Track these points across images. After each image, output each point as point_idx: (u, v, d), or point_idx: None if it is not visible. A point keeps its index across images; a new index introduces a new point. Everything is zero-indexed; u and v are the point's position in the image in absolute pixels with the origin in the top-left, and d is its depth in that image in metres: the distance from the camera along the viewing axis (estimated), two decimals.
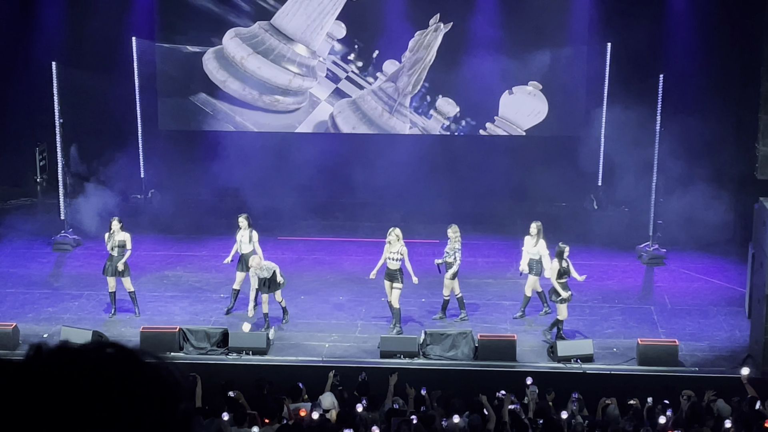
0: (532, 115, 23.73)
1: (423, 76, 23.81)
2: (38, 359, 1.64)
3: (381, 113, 24.01)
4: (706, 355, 17.41)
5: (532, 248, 18.27)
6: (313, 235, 22.12)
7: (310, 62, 23.99)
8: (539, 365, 17.04)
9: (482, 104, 23.91)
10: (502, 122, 23.76)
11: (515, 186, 22.91)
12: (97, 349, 1.67)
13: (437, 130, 23.98)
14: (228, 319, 18.63)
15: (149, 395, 1.63)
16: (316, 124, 24.17)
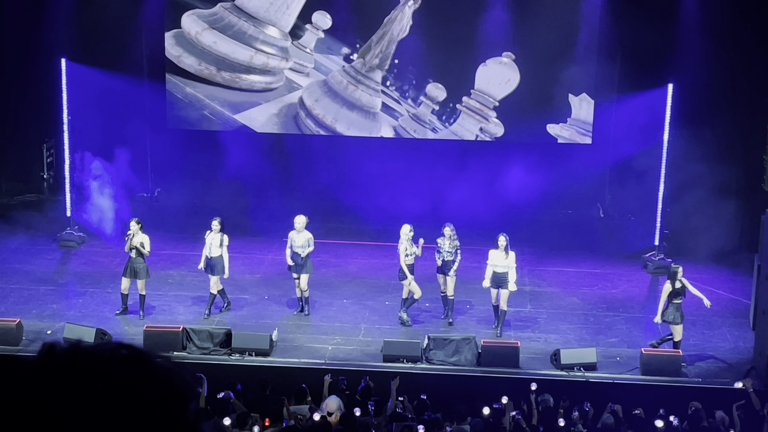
0: (503, 84, 23.56)
1: (391, 50, 23.61)
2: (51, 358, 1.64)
3: (346, 86, 23.93)
4: (710, 366, 17.38)
5: (503, 261, 17.94)
6: (318, 238, 22.08)
7: (280, 42, 23.85)
8: (542, 372, 17.01)
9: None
10: (478, 95, 23.66)
11: (522, 193, 22.86)
12: (111, 350, 1.67)
13: (427, 116, 23.86)
14: (231, 319, 18.63)
15: (161, 397, 1.63)
16: (287, 105, 24.03)
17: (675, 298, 17.22)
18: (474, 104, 23.71)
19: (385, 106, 23.99)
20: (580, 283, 20.77)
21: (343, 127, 23.98)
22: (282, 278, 19.99)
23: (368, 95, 23.97)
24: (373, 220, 22.77)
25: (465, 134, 23.88)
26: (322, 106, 24.02)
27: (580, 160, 23.22)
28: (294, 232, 18.65)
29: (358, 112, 24.02)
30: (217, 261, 18.55)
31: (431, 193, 23.17)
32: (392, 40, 23.53)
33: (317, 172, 23.33)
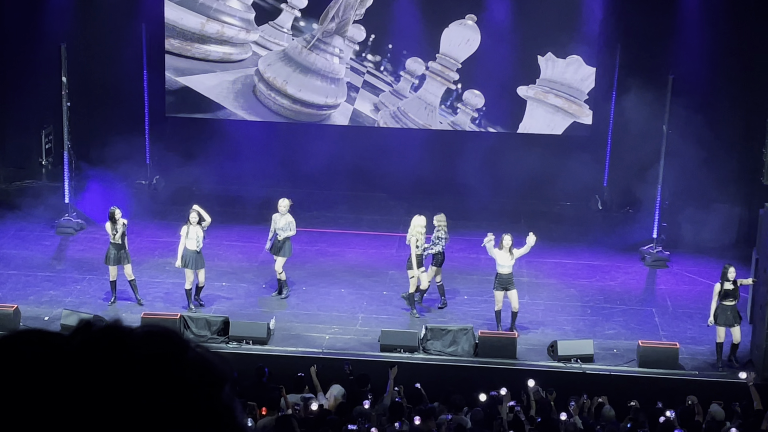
0: (463, 44, 23.48)
1: (349, 15, 23.49)
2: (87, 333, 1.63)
3: (300, 51, 23.86)
4: (707, 359, 17.39)
5: (508, 261, 17.67)
6: (316, 227, 22.09)
7: (243, 14, 23.78)
8: (539, 364, 17.03)
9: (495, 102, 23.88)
10: (443, 58, 23.62)
11: (519, 184, 22.86)
12: (148, 332, 1.66)
13: (407, 91, 23.82)
14: (229, 307, 18.63)
15: (199, 378, 1.63)
16: (245, 75, 24.00)
17: (724, 300, 17.06)
18: (437, 67, 23.68)
19: (367, 84, 23.94)
20: (578, 275, 20.77)
21: (294, 89, 23.96)
22: None
23: (324, 59, 23.85)
24: (370, 209, 22.78)
25: (430, 98, 23.79)
26: (274, 69, 24.03)
27: (579, 152, 23.19)
28: (277, 214, 18.68)
29: (313, 75, 23.95)
30: (193, 254, 18.44)
31: (428, 183, 23.16)
32: (349, 5, 23.44)
33: (316, 160, 23.28)
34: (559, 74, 23.38)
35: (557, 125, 23.73)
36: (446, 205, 21.84)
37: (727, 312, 17.03)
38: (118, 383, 1.56)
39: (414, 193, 22.86)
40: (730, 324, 17.07)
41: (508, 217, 22.06)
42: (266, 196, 22.12)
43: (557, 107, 23.59)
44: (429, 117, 23.93)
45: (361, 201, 23.09)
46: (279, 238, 18.61)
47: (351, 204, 23.07)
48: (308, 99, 24.03)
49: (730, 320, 17.04)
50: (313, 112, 24.19)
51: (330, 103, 24.13)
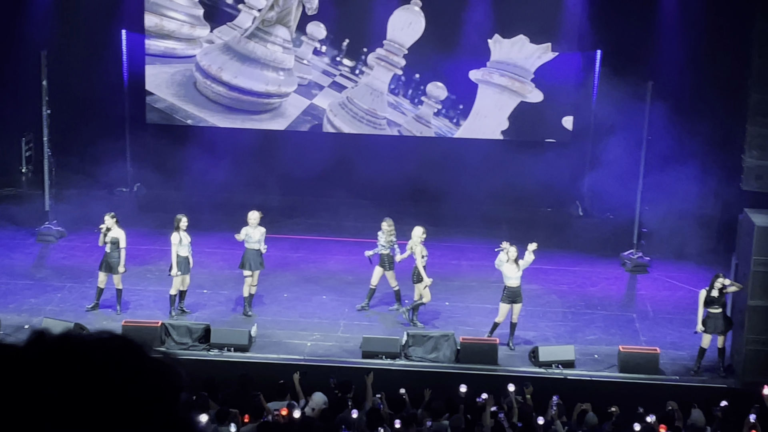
0: (406, 28, 23.53)
1: (291, 5, 23.40)
2: (40, 345, 1.63)
3: (239, 40, 23.83)
4: (688, 364, 17.46)
5: (515, 273, 17.52)
6: (297, 234, 22.08)
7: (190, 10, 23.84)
8: (520, 369, 17.07)
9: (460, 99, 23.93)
10: (389, 44, 23.62)
11: (501, 190, 22.91)
12: (102, 339, 1.67)
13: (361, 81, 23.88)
14: (210, 315, 18.60)
15: (153, 386, 1.63)
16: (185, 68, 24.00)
17: (709, 307, 17.09)
18: (383, 53, 23.70)
19: (336, 84, 23.94)
20: (559, 280, 20.83)
21: (229, 75, 23.91)
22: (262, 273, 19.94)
23: (264, 48, 23.81)
24: (353, 216, 22.79)
25: (377, 84, 23.78)
26: (210, 58, 24.03)
27: (559, 158, 23.27)
28: (249, 227, 18.43)
29: (252, 63, 23.87)
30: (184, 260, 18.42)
31: (410, 189, 23.18)
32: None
33: (298, 167, 23.27)
34: (505, 54, 23.43)
35: (505, 105, 23.71)
36: (427, 212, 21.91)
37: (714, 319, 17.09)
38: (73, 393, 1.57)
39: (395, 199, 22.88)
40: (720, 331, 17.13)
41: (489, 224, 22.12)
42: (248, 203, 22.07)
43: (503, 86, 23.62)
44: (374, 102, 23.88)
45: (342, 207, 23.09)
46: (260, 250, 18.42)
47: (332, 211, 23.08)
48: (245, 86, 23.95)
49: (719, 328, 17.11)
50: (253, 99, 24.07)
51: (273, 92, 24.01)
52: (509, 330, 17.81)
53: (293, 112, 24.11)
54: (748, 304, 16.96)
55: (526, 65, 23.44)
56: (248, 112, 24.18)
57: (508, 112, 23.76)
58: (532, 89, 23.53)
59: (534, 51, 23.28)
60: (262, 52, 23.87)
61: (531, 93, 23.54)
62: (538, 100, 23.56)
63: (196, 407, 13.11)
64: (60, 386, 1.58)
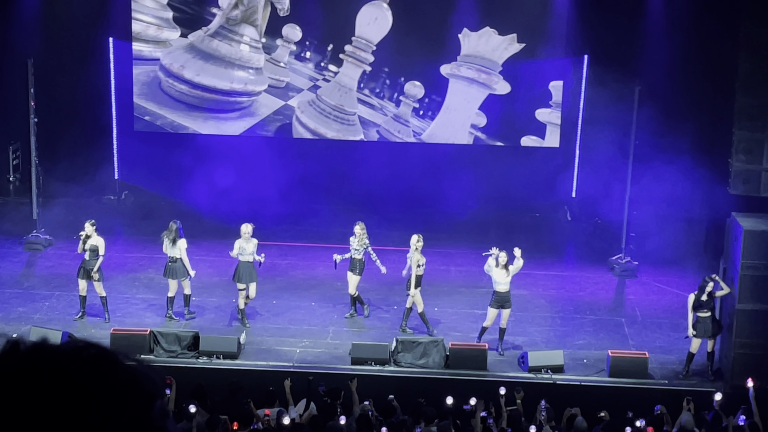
0: (372, 23, 23.49)
1: (255, 4, 23.35)
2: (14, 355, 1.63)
3: (202, 39, 23.78)
4: (676, 368, 17.49)
5: (504, 278, 17.60)
6: (286, 240, 22.06)
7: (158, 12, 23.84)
8: (510, 375, 17.07)
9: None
10: (358, 41, 23.63)
11: (489, 195, 22.94)
12: (76, 349, 1.66)
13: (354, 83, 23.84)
14: (199, 322, 18.58)
15: (126, 395, 1.63)
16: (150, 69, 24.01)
17: (698, 311, 17.12)
18: (351, 50, 23.70)
19: (316, 87, 23.94)
20: (548, 285, 20.86)
21: (191, 73, 23.85)
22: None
23: (229, 46, 23.74)
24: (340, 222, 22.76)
25: (347, 82, 23.76)
26: (172, 57, 23.99)
27: (547, 163, 23.32)
28: (241, 240, 18.40)
29: (215, 61, 23.80)
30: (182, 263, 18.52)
31: (398, 196, 23.16)
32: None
33: (285, 174, 23.27)
34: (473, 48, 23.44)
35: (473, 97, 23.68)
36: (416, 218, 21.92)
37: (703, 323, 17.12)
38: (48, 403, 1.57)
39: (384, 206, 22.88)
40: (709, 335, 17.16)
41: (478, 229, 22.14)
42: (236, 210, 22.07)
43: (471, 79, 23.63)
44: (342, 98, 23.84)
45: (330, 214, 23.08)
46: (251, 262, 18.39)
47: (320, 217, 23.06)
48: (208, 83, 23.88)
49: (708, 331, 17.14)
50: (217, 97, 23.99)
51: (239, 90, 23.93)
52: (498, 335, 17.82)
53: (264, 112, 24.04)
54: (736, 307, 17.01)
55: (494, 57, 23.44)
56: (213, 110, 24.08)
57: (476, 105, 23.71)
58: (498, 80, 23.51)
59: (500, 42, 23.29)
60: (227, 51, 23.77)
61: (497, 84, 23.52)
62: (505, 92, 23.52)
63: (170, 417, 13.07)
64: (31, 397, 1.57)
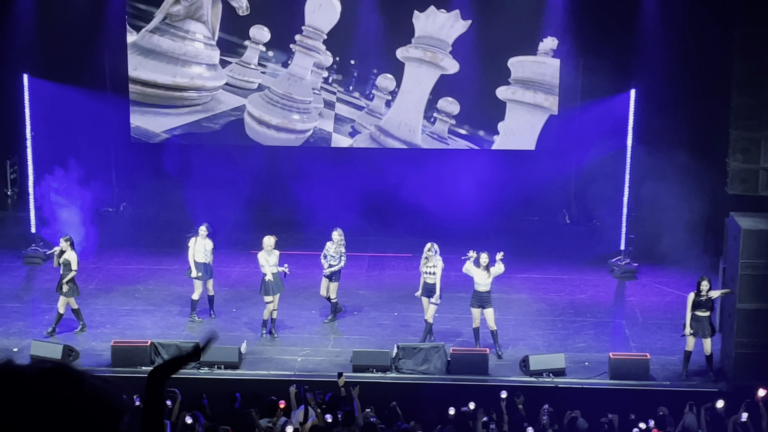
0: (316, 10, 23.36)
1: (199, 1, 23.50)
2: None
3: (143, 35, 23.66)
4: (678, 369, 17.47)
5: (485, 280, 17.75)
6: (285, 249, 22.05)
7: None
8: (512, 379, 17.06)
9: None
10: (308, 30, 23.58)
11: (487, 200, 22.93)
12: (40, 370, 1.67)
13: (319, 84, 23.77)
14: (200, 333, 18.56)
15: (90, 414, 1.63)
16: None
17: (697, 310, 17.17)
18: (300, 39, 23.66)
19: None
20: (548, 289, 20.86)
21: (129, 69, 23.70)
22: (250, 291, 19.97)
23: (171, 41, 23.63)
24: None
25: (297, 71, 23.70)
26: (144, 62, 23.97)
27: (545, 166, 23.32)
28: (264, 253, 18.51)
29: (155, 57, 23.68)
30: (208, 266, 18.79)
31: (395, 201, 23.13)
32: None
33: (283, 182, 23.26)
34: (422, 28, 23.32)
35: (424, 78, 23.60)
36: (414, 223, 21.94)
37: (700, 322, 17.14)
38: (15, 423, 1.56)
39: (381, 212, 22.89)
40: (702, 335, 17.18)
41: (476, 234, 22.09)
42: (236, 219, 22.08)
43: (421, 60, 23.61)
44: (291, 87, 23.72)
45: (329, 221, 23.04)
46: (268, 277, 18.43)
47: (319, 224, 23.04)
48: (147, 78, 23.80)
49: (701, 331, 17.15)
50: (163, 93, 23.87)
51: (185, 85, 23.84)
52: (492, 339, 17.86)
53: (220, 108, 23.99)
54: (737, 307, 17.01)
55: (441, 36, 23.41)
56: (158, 106, 23.98)
57: (429, 86, 23.60)
58: (443, 57, 23.44)
59: (445, 20, 23.29)
60: (169, 46, 23.66)
61: (443, 62, 23.46)
62: (454, 70, 23.48)
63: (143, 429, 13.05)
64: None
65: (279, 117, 23.90)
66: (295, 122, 23.89)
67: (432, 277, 17.94)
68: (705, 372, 17.37)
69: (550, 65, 23.21)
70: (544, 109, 23.47)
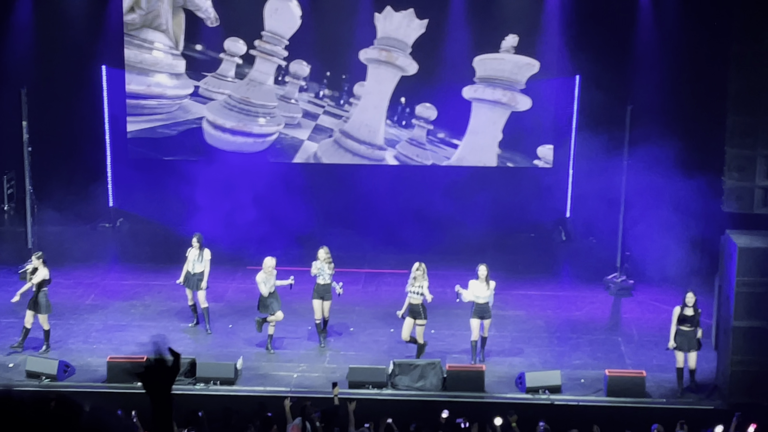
0: (272, 14, 23.40)
1: (156, 8, 23.32)
2: None
3: (128, 57, 23.79)
4: (674, 386, 17.48)
5: (484, 292, 17.88)
6: (282, 265, 22.04)
7: None
8: (507, 396, 17.06)
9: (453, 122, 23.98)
10: (267, 35, 23.59)
11: (484, 217, 22.94)
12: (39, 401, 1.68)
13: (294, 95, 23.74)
14: (196, 348, 18.55)
15: None
16: None
17: (682, 324, 17.31)
18: (262, 45, 23.68)
19: None
20: (544, 305, 20.87)
21: None
22: (246, 307, 19.96)
23: (127, 50, 23.60)
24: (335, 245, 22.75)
25: (263, 78, 23.73)
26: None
27: (542, 183, 23.36)
28: (263, 274, 18.54)
29: None
30: (199, 276, 18.98)
31: (393, 217, 23.15)
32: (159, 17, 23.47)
33: (283, 198, 23.27)
34: (381, 29, 23.41)
35: (384, 79, 23.65)
36: (411, 239, 21.94)
37: (685, 336, 17.23)
38: None
39: (379, 228, 22.90)
40: (686, 349, 17.26)
41: (473, 250, 22.09)
42: (231, 235, 22.09)
43: (379, 60, 23.64)
44: (249, 92, 23.74)
45: (325, 237, 23.06)
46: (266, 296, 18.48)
47: (315, 241, 23.03)
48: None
49: (685, 345, 17.25)
50: None
51: (142, 92, 23.84)
52: (480, 343, 17.92)
53: (186, 117, 24.01)
54: (733, 324, 17.01)
55: (398, 36, 23.44)
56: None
57: (389, 87, 23.62)
58: (398, 57, 23.49)
59: (401, 20, 23.33)
60: (126, 55, 23.66)
61: (398, 60, 23.49)
62: (412, 71, 23.50)
63: None
64: None
65: (234, 120, 23.91)
66: (251, 126, 23.89)
67: (418, 298, 17.92)
68: (701, 389, 17.37)
69: (509, 61, 23.25)
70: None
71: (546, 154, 23.68)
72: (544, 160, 23.68)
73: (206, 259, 19.21)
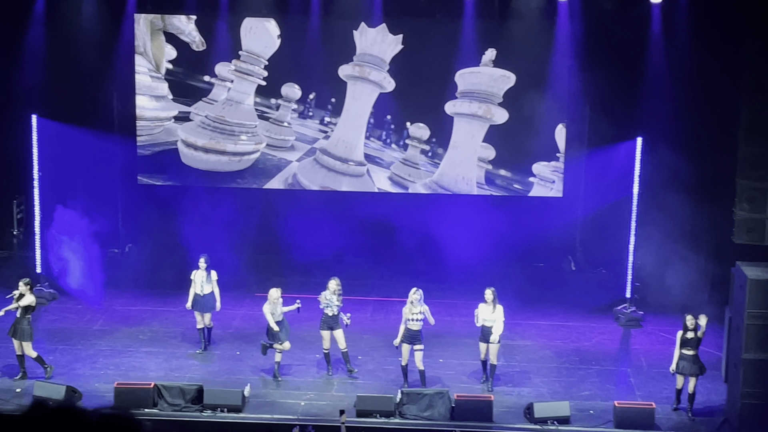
0: (247, 34, 23.45)
1: None
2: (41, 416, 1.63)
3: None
4: (683, 419, 17.39)
5: (491, 315, 18.00)
6: (290, 292, 22.02)
7: None
8: (516, 426, 16.97)
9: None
10: (245, 54, 23.62)
11: (493, 246, 22.90)
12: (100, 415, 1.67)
13: (288, 117, 23.72)
14: (203, 375, 18.52)
15: None
16: None
17: (683, 348, 17.44)
18: (239, 64, 23.66)
19: None
20: (553, 336, 20.79)
21: None
22: (254, 333, 19.93)
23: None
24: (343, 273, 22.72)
25: (241, 98, 23.69)
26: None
27: (552, 213, 23.31)
28: (269, 305, 18.51)
29: None
30: (208, 298, 19.05)
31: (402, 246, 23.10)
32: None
33: (291, 225, 23.25)
34: (359, 46, 23.46)
35: (362, 95, 23.61)
36: (420, 269, 21.90)
37: (686, 361, 17.33)
38: None
39: (388, 257, 22.86)
40: (686, 373, 17.26)
41: (482, 280, 22.03)
42: (239, 262, 22.06)
43: (354, 76, 23.62)
44: (224, 111, 23.69)
45: (333, 265, 23.04)
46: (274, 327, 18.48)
47: (323, 268, 23.02)
48: None
49: (687, 370, 17.26)
50: None
51: None
52: (488, 370, 18.01)
53: (170, 139, 24.00)
54: (743, 357, 16.92)
55: (374, 52, 23.44)
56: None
57: (368, 103, 23.58)
58: (371, 71, 23.46)
59: (374, 35, 23.34)
60: None
61: (371, 75, 23.48)
62: (390, 88, 23.48)
63: None
64: None
65: (206, 138, 23.93)
66: (224, 144, 23.89)
67: (417, 324, 17.88)
68: (711, 422, 17.27)
69: (485, 74, 23.24)
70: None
71: (542, 171, 23.52)
72: (552, 189, 23.62)
73: (214, 279, 19.36)
